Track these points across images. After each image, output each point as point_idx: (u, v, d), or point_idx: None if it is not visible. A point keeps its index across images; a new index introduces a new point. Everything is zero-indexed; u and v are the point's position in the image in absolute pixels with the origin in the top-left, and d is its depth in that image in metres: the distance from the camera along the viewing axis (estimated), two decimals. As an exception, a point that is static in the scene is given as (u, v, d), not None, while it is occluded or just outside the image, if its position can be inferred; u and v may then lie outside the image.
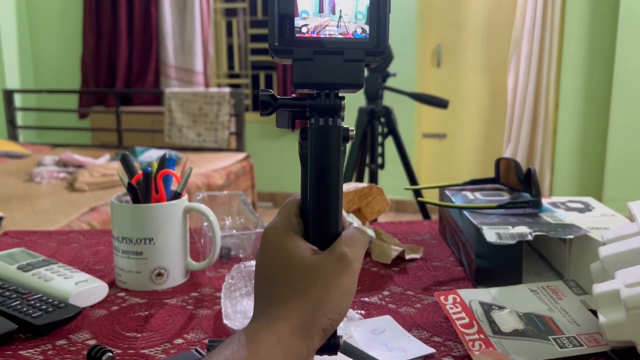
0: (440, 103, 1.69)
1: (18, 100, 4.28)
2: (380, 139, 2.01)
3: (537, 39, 3.66)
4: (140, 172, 0.77)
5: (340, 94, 0.46)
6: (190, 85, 4.29)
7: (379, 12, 0.44)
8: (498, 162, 0.94)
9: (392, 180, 2.88)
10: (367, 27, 0.44)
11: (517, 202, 0.81)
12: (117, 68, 4.40)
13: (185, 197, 0.78)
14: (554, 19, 3.63)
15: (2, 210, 2.20)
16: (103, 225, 2.28)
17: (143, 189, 0.74)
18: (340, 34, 0.44)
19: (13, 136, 4.09)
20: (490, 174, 0.99)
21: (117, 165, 2.99)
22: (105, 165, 3.00)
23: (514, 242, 0.69)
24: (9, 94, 4.04)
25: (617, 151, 3.60)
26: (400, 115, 2.46)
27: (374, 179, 1.99)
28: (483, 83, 4.04)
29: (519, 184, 0.89)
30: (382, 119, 2.00)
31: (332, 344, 0.48)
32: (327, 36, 0.44)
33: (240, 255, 0.86)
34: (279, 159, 4.38)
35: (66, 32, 4.59)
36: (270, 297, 0.43)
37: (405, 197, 4.02)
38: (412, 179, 1.87)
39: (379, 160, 2.01)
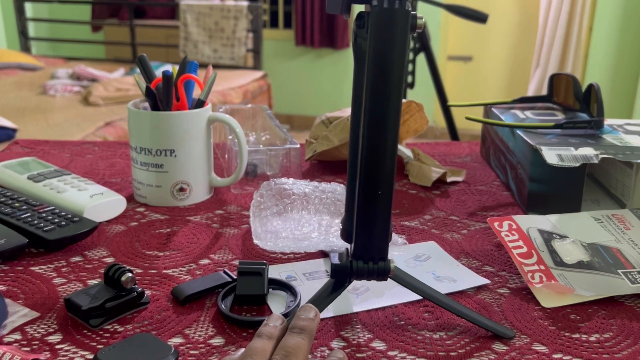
0: (478, 17, 1.57)
1: (29, 10, 4.14)
2: (411, 55, 1.88)
3: (576, -45, 3.41)
4: (159, 76, 0.69)
5: None
6: (206, -2, 4.11)
7: None
8: (552, 79, 0.85)
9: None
10: None
11: (577, 121, 0.73)
12: (130, -21, 4.21)
13: (209, 105, 0.71)
14: None
15: (16, 123, 2.15)
16: (119, 140, 2.23)
17: (163, 95, 0.67)
18: None
19: (25, 48, 3.98)
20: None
21: (132, 79, 2.90)
22: (120, 79, 2.91)
23: (577, 164, 0.62)
24: (19, 3, 3.90)
25: (652, 79, 3.44)
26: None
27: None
28: (514, 2, 3.82)
29: (575, 103, 0.81)
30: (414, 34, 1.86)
31: (383, 268, 0.42)
32: None
33: (268, 173, 0.79)
34: (297, 79, 4.25)
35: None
36: None
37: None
38: (443, 99, 1.76)
39: (409, 78, 1.90)
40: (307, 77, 4.24)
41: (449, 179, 0.79)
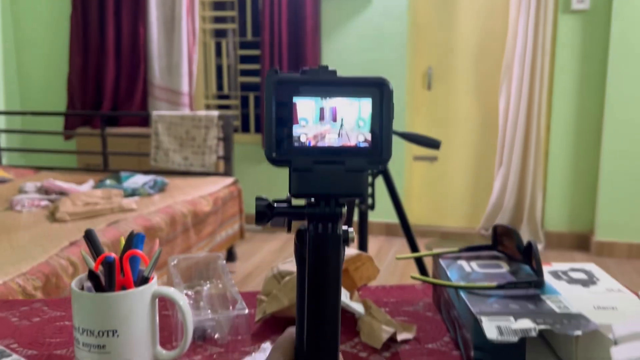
0: (431, 144, 1.63)
1: (2, 121, 4.19)
2: (370, 178, 1.94)
3: (529, 62, 3.62)
4: (105, 252, 0.69)
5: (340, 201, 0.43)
6: (177, 106, 4.22)
7: (381, 121, 0.41)
8: (495, 229, 0.88)
9: (384, 203, 2.81)
10: (369, 136, 0.41)
11: (518, 282, 0.74)
12: (104, 88, 4.32)
13: (154, 280, 0.71)
14: (545, 43, 3.61)
15: (-22, 246, 2.11)
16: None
17: (105, 278, 0.67)
18: (342, 143, 0.41)
19: (-5, 159, 4.00)
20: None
21: (100, 192, 2.91)
22: (89, 193, 2.91)
23: (516, 339, 0.63)
24: (-9, 116, 3.95)
25: (610, 174, 3.57)
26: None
27: (363, 219, 1.91)
28: (474, 106, 4.00)
29: (517, 253, 0.83)
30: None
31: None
32: (327, 145, 0.41)
33: (216, 337, 0.78)
34: (268, 181, 4.31)
35: (53, 52, 4.51)
36: None
37: (396, 221, 3.95)
38: (405, 224, 1.79)
39: (369, 200, 1.95)
40: (278, 180, 4.30)
41: (399, 338, 0.79)
